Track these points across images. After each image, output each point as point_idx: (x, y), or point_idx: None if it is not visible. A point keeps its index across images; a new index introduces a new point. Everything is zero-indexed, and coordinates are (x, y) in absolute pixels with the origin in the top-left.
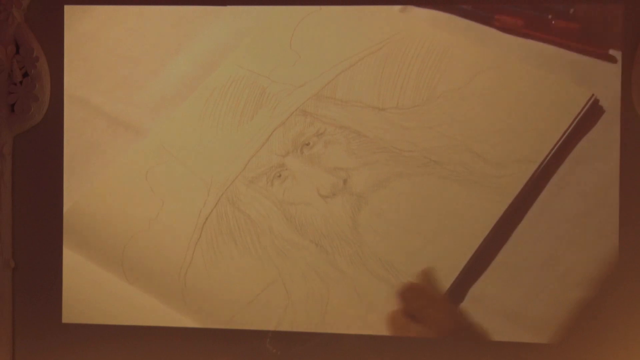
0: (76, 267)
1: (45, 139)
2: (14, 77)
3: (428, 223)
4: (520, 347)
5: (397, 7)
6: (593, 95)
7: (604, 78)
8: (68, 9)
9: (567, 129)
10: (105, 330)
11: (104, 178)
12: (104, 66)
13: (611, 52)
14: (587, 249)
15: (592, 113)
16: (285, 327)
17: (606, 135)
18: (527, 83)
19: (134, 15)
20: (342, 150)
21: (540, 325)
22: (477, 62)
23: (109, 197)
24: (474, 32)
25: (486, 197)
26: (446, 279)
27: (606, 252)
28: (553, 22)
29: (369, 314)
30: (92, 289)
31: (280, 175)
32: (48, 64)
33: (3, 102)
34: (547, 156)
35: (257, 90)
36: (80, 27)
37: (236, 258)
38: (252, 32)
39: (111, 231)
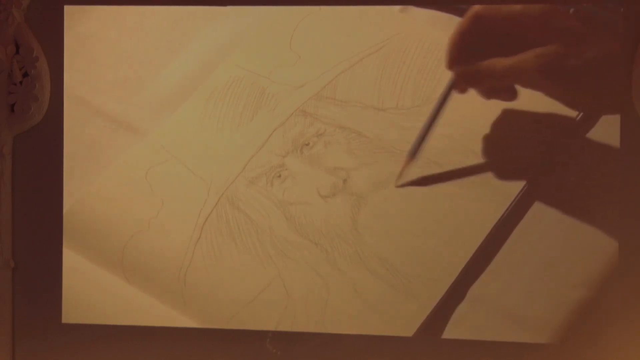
0: (76, 267)
1: (45, 139)
2: (13, 77)
3: (428, 223)
4: (520, 347)
5: (397, 7)
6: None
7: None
8: (68, 9)
9: (567, 129)
10: (105, 330)
11: (104, 178)
12: (104, 66)
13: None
14: (587, 249)
15: (592, 113)
16: (285, 327)
17: (606, 135)
18: None
19: (134, 15)
20: (342, 151)
21: (540, 325)
22: None
23: (109, 197)
24: None
25: (486, 197)
26: (446, 279)
27: (606, 252)
28: None
29: (369, 314)
30: (92, 289)
31: (280, 176)
32: (48, 64)
33: (3, 102)
34: (546, 157)
35: (257, 90)
36: (80, 27)
37: (236, 258)
38: (252, 32)
39: (111, 231)
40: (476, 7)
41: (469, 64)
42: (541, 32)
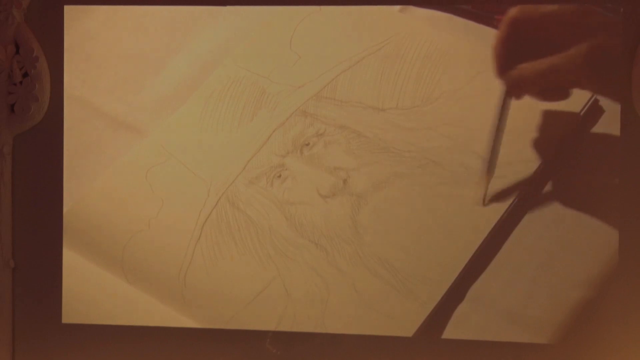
0: (76, 267)
1: (45, 139)
2: (13, 77)
3: (428, 223)
4: (520, 347)
5: (397, 7)
6: (593, 95)
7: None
8: (68, 9)
9: (567, 129)
10: (105, 330)
11: (104, 178)
12: (104, 66)
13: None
14: (587, 249)
15: (592, 113)
16: (285, 327)
17: (606, 135)
18: None
19: (134, 15)
20: (342, 151)
21: (540, 325)
22: (477, 62)
23: (109, 197)
24: (474, 32)
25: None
26: (446, 279)
27: (606, 252)
28: None
29: (369, 314)
30: (92, 289)
31: (280, 176)
32: (48, 64)
33: (3, 102)
34: (547, 156)
35: (257, 90)
36: (80, 27)
37: (236, 258)
38: (252, 32)
39: (111, 231)
40: (512, 12)
41: (517, 69)
42: (579, 29)
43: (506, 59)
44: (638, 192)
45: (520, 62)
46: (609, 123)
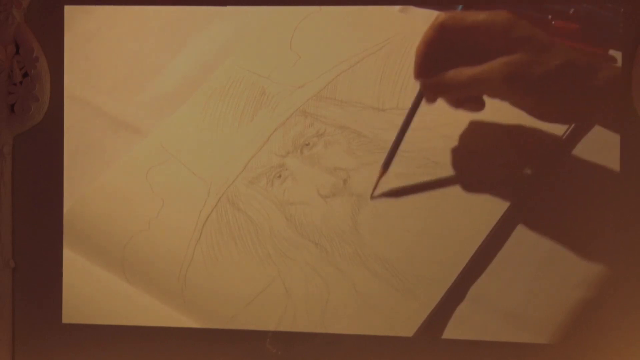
0: (76, 267)
1: (45, 139)
2: (14, 77)
3: (428, 223)
4: (520, 347)
5: (397, 7)
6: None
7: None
8: (68, 9)
9: (568, 129)
10: (105, 330)
11: (104, 178)
12: (104, 66)
13: (611, 52)
14: (587, 249)
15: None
16: (285, 327)
17: (606, 135)
18: None
19: (134, 15)
20: (342, 151)
21: (540, 325)
22: None
23: (109, 197)
24: None
25: (486, 197)
26: (446, 279)
27: (606, 252)
28: (553, 22)
29: (369, 314)
30: (92, 289)
31: (280, 176)
32: (48, 64)
33: (3, 102)
34: (547, 156)
35: (257, 90)
36: (80, 27)
37: (236, 258)
38: (252, 32)
39: (111, 231)
40: (441, 17)
41: (435, 74)
42: (505, 41)
43: (427, 63)
44: (638, 192)
45: (441, 68)
46: (609, 123)
